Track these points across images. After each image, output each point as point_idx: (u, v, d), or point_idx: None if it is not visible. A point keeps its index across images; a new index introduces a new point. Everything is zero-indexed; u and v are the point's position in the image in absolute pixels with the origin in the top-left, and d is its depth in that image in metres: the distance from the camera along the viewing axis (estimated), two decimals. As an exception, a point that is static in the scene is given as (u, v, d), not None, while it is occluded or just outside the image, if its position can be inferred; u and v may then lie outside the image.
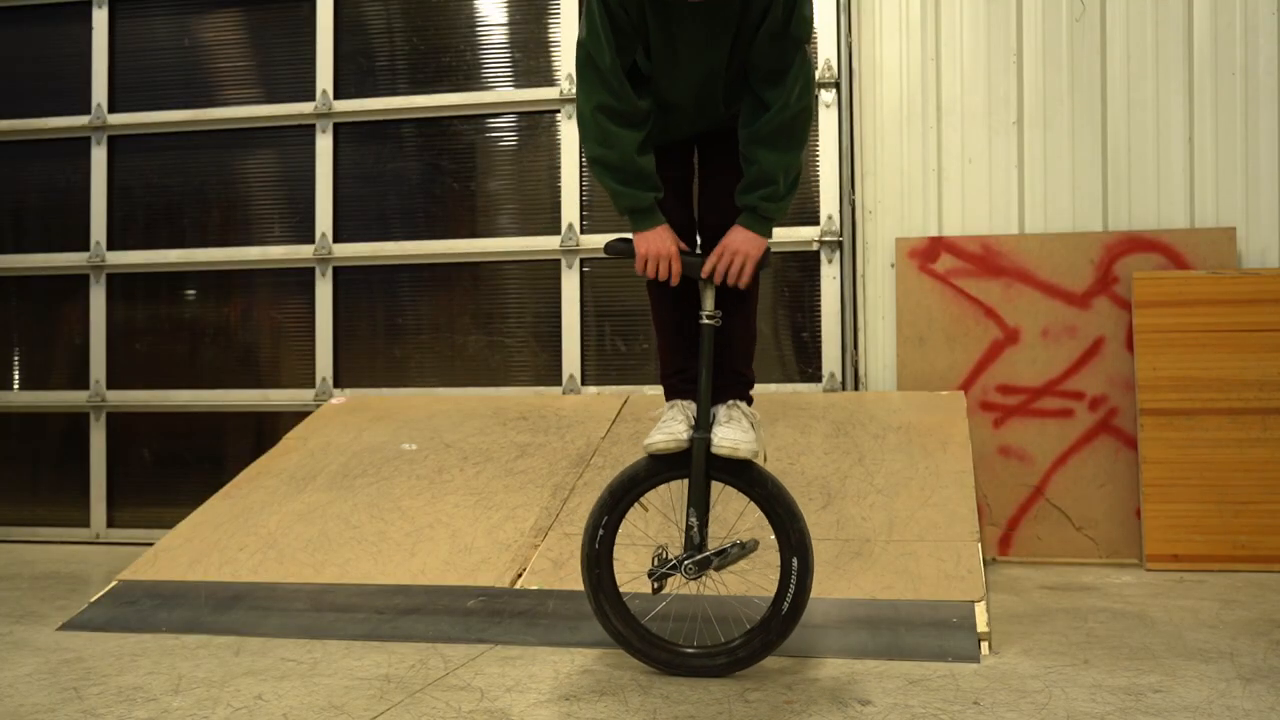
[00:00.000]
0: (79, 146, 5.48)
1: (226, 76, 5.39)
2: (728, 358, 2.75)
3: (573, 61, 3.00)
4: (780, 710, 2.42)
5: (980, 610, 2.96)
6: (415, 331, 5.18)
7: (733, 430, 2.65)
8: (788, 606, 2.64)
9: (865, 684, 2.61)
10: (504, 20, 5.13)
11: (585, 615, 2.93)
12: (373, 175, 5.23)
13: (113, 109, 5.44)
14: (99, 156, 5.44)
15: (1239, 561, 4.10)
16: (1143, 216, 4.50)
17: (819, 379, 4.74)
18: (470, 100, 5.11)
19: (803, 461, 3.85)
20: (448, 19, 5.19)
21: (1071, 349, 4.46)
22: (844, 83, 4.76)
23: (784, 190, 2.65)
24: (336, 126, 5.23)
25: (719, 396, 2.72)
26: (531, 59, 5.09)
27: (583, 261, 4.96)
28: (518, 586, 3.29)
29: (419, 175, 5.20)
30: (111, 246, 5.42)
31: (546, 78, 5.04)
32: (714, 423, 2.68)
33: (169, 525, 4.01)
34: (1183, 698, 2.47)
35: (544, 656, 2.89)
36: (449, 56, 5.19)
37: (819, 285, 4.75)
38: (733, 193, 2.70)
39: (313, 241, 5.21)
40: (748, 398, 2.81)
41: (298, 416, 4.87)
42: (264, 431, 5.16)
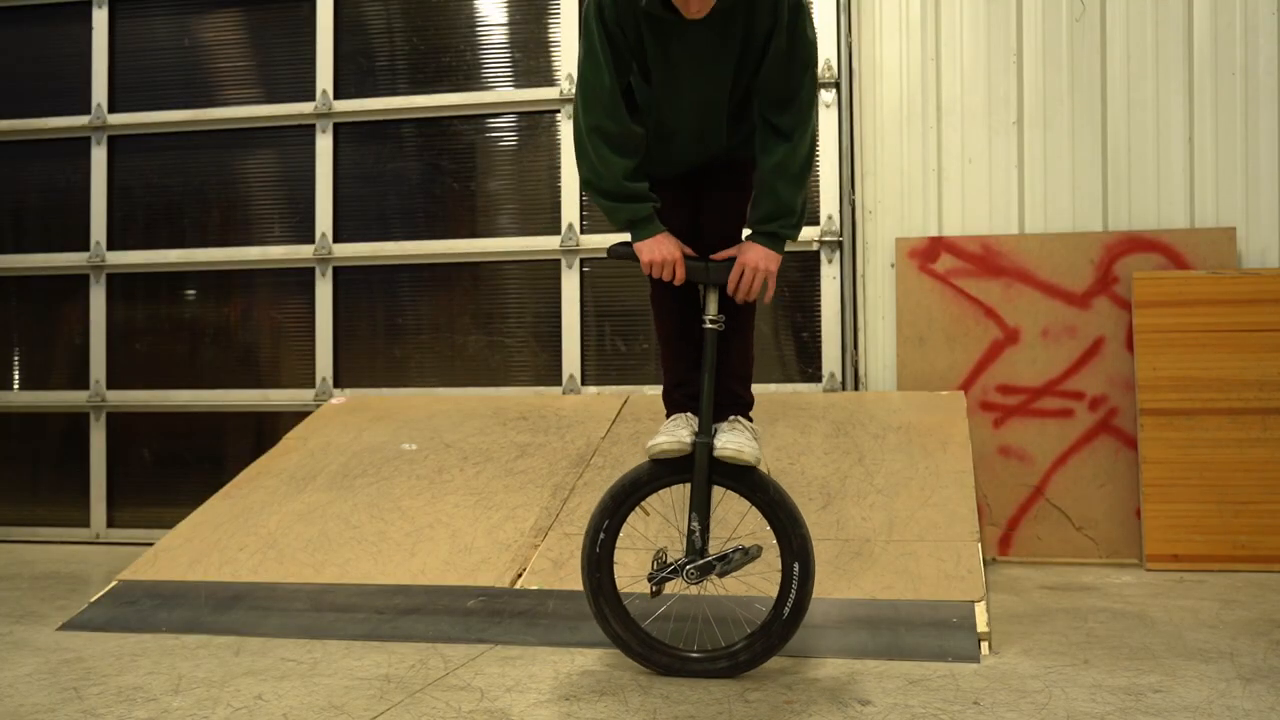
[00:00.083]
0: (79, 146, 5.48)
1: (226, 76, 5.40)
2: (724, 377, 2.73)
3: (573, 61, 3.00)
4: (780, 710, 2.42)
5: (980, 610, 2.96)
6: (415, 331, 5.18)
7: (736, 436, 2.65)
8: (789, 611, 2.65)
9: (865, 684, 2.61)
10: (504, 20, 5.13)
11: (585, 615, 2.93)
12: (373, 175, 5.23)
13: (113, 109, 5.44)
14: (99, 156, 5.44)
15: (1239, 561, 4.10)
16: (1143, 216, 4.50)
17: (819, 379, 4.74)
18: (470, 100, 5.11)
19: (803, 461, 3.85)
20: (448, 19, 5.19)
21: (1071, 349, 4.46)
22: (844, 83, 4.76)
23: (800, 216, 2.69)
24: (336, 126, 5.23)
25: (718, 415, 2.71)
26: (531, 59, 5.09)
27: (583, 261, 4.97)
28: (518, 586, 3.29)
29: (419, 175, 5.20)
30: (111, 246, 5.42)
31: (546, 78, 5.04)
32: (716, 431, 2.68)
33: (169, 525, 4.02)
34: (1183, 698, 2.47)
35: (544, 656, 2.89)
36: (449, 56, 5.18)
37: (819, 285, 4.75)
38: (733, 204, 2.72)
39: (313, 241, 5.21)
40: (747, 416, 2.81)
41: (298, 416, 4.87)
42: (264, 431, 5.16)
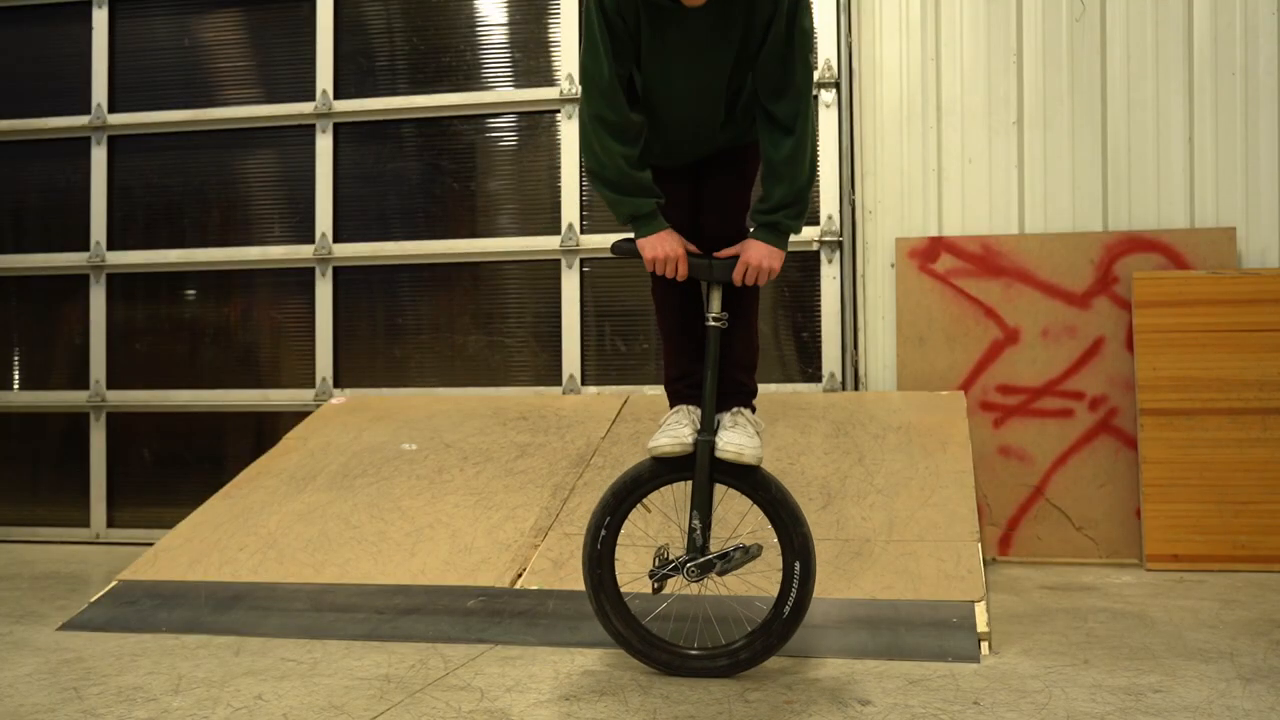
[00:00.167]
0: (79, 146, 5.48)
1: (226, 76, 5.39)
2: (728, 366, 2.74)
3: (573, 62, 3.00)
4: (780, 710, 2.42)
5: (980, 610, 2.96)
6: (415, 331, 5.18)
7: (738, 435, 2.65)
8: (789, 610, 2.65)
9: (865, 684, 2.61)
10: (504, 20, 5.13)
11: (585, 615, 2.93)
12: (373, 175, 5.23)
13: (113, 109, 5.44)
14: (99, 156, 5.44)
15: (1239, 561, 4.10)
16: (1143, 216, 4.50)
17: (819, 379, 4.74)
18: (470, 100, 5.11)
19: (803, 461, 3.85)
20: (448, 19, 5.19)
21: (1071, 349, 4.46)
22: (844, 83, 4.76)
23: (805, 207, 2.70)
24: (336, 126, 5.23)
25: (722, 404, 2.72)
26: (531, 59, 5.09)
27: (583, 261, 4.96)
28: (518, 586, 3.29)
29: (419, 175, 5.20)
30: (111, 246, 5.42)
31: (546, 78, 5.04)
32: (718, 428, 2.68)
33: (169, 525, 4.02)
34: (1183, 698, 2.47)
35: (544, 656, 2.89)
36: (449, 56, 5.18)
37: (819, 285, 4.75)
38: (731, 194, 2.71)
39: (313, 241, 5.21)
40: (751, 406, 2.80)
41: (298, 416, 4.87)
42: (264, 431, 5.16)
